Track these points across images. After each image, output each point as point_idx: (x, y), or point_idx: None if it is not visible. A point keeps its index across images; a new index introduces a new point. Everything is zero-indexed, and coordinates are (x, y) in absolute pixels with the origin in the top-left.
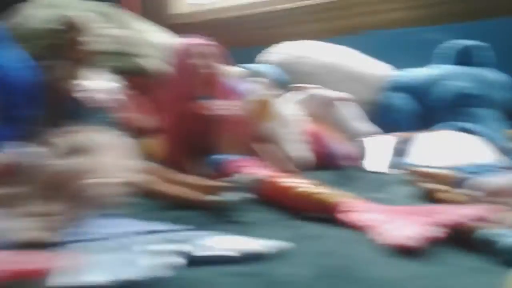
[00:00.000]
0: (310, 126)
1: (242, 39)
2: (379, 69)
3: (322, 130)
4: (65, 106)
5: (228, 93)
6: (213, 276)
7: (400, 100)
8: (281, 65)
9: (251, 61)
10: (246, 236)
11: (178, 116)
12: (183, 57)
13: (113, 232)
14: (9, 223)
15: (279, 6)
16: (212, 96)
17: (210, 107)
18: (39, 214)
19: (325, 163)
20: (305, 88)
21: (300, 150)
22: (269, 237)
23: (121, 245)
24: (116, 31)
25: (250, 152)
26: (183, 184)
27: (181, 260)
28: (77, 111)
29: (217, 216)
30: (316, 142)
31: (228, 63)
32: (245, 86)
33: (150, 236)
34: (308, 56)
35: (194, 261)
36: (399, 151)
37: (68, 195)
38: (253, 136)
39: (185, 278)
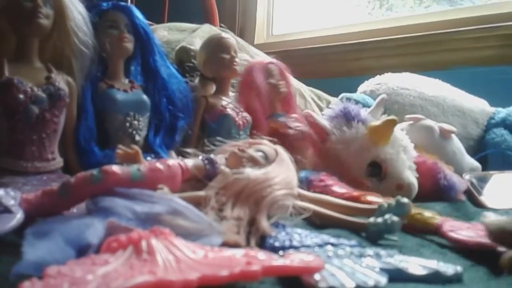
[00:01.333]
0: (421, 155)
1: (329, 69)
2: (480, 105)
3: (436, 161)
4: (214, 121)
5: (296, 110)
6: None
7: (507, 137)
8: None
9: (339, 91)
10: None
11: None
12: (254, 76)
13: (313, 242)
14: (215, 223)
15: (368, 39)
16: (285, 113)
17: (285, 124)
18: (233, 218)
19: (437, 194)
20: (416, 118)
21: (412, 177)
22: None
23: (321, 254)
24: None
25: (319, 169)
26: (321, 203)
27: (385, 275)
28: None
29: (372, 237)
30: (430, 172)
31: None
32: (358, 110)
33: (336, 248)
34: (410, 88)
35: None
36: None
37: (259, 203)
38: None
39: None
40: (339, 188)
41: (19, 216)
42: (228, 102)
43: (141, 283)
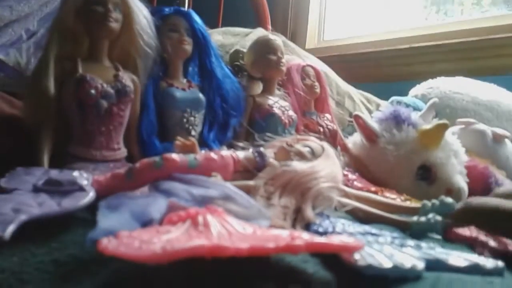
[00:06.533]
0: (472, 160)
1: (380, 74)
2: None
3: (487, 166)
4: (263, 119)
5: (329, 110)
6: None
7: None
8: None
9: (390, 96)
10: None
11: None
12: (291, 76)
13: (355, 230)
14: (264, 209)
15: (419, 44)
16: (318, 112)
17: (316, 122)
18: (280, 206)
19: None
20: (467, 122)
21: (462, 182)
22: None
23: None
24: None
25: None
26: (365, 200)
27: (423, 261)
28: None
29: (415, 235)
30: (481, 177)
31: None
32: (408, 113)
33: (377, 237)
34: (463, 92)
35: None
36: None
37: (304, 194)
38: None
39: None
40: (359, 183)
41: (91, 194)
42: (275, 101)
43: (200, 245)
